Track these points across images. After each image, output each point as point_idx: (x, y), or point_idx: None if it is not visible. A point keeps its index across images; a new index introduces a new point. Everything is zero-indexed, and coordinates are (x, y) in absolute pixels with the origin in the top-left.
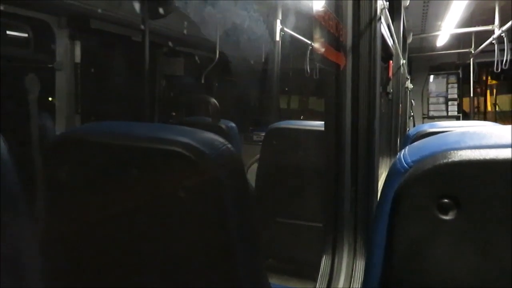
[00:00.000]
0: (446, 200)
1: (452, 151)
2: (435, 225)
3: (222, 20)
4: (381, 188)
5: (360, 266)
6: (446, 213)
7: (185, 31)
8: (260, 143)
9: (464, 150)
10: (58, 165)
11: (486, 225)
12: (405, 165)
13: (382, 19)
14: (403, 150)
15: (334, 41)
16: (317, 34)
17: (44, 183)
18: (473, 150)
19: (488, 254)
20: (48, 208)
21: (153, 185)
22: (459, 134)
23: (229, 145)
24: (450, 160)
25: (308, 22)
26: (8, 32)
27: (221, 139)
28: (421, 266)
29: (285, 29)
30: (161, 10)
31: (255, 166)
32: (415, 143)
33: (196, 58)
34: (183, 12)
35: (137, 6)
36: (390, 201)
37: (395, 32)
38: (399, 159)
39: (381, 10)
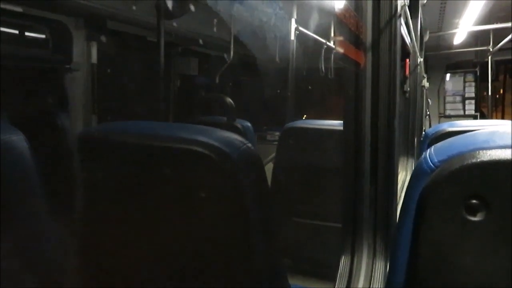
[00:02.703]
0: (474, 201)
1: (481, 151)
2: (462, 226)
3: (237, 19)
4: (400, 188)
5: (380, 266)
6: (474, 214)
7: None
8: (274, 143)
9: (493, 150)
10: (80, 163)
11: None
12: (432, 165)
13: (402, 17)
14: (428, 150)
15: (355, 39)
16: (338, 32)
17: (63, 181)
18: (503, 150)
19: None
20: (71, 206)
21: (174, 184)
22: (487, 133)
23: (249, 144)
24: (479, 160)
25: (322, 21)
26: (26, 33)
27: (241, 139)
28: (447, 268)
29: (300, 28)
30: (176, 10)
31: (269, 165)
32: (441, 142)
33: (210, 58)
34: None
35: (152, 6)
36: (415, 202)
37: (412, 30)
38: (425, 158)
39: (401, 7)
